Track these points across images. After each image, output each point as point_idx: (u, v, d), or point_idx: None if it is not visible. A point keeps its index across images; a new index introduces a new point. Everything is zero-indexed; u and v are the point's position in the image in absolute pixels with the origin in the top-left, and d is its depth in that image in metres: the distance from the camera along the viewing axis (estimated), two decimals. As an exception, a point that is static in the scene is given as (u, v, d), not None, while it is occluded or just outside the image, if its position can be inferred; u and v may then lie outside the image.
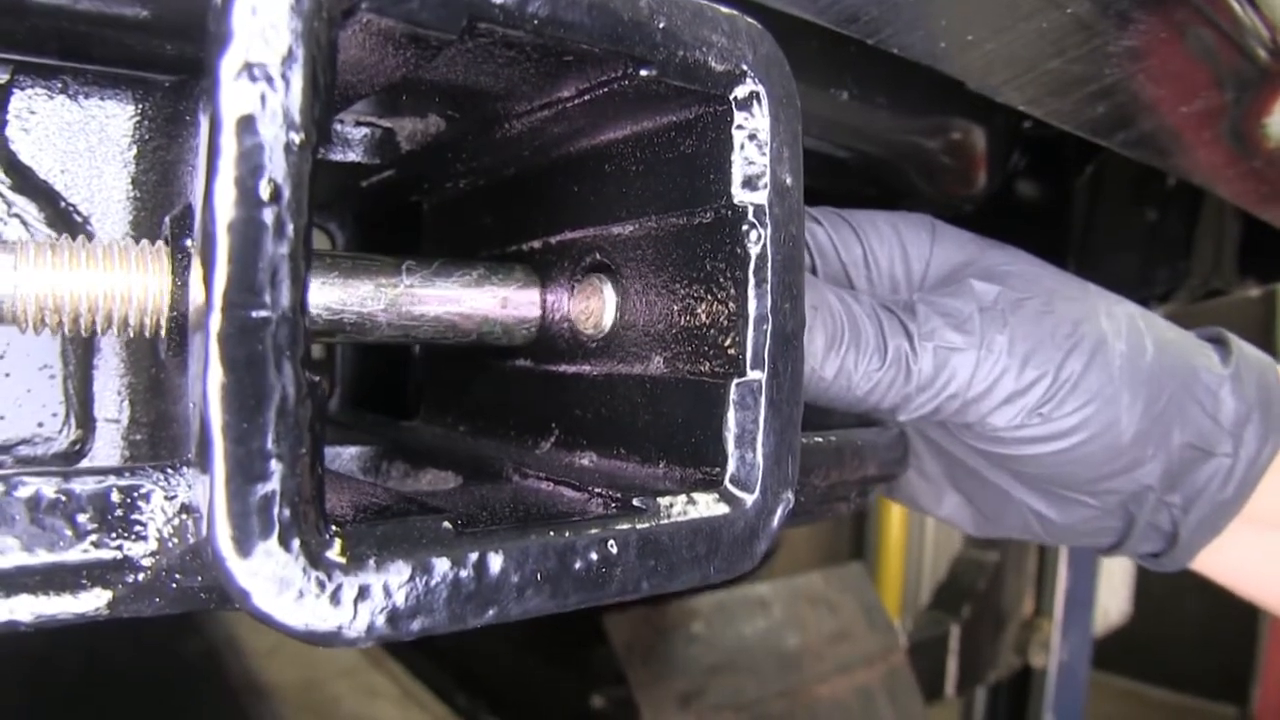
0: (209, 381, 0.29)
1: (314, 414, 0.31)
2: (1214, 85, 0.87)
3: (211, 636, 2.77)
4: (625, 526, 0.37)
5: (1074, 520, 0.70)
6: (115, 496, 0.32)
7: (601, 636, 2.06)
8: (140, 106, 0.59)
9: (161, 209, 0.59)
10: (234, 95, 0.30)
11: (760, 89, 0.41)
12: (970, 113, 1.04)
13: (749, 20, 0.42)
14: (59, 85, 0.58)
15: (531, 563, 0.35)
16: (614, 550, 0.37)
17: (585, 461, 0.50)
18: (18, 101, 0.58)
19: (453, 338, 0.55)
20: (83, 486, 0.32)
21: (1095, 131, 0.90)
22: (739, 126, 0.42)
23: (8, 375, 0.59)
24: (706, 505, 0.41)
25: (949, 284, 0.67)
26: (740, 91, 0.42)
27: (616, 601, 0.37)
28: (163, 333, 0.48)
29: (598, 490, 0.43)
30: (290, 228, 0.30)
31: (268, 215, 0.30)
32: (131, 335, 0.49)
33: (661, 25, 0.39)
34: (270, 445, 0.29)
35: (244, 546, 0.29)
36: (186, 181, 0.54)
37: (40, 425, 0.60)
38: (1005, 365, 0.61)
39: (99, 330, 0.48)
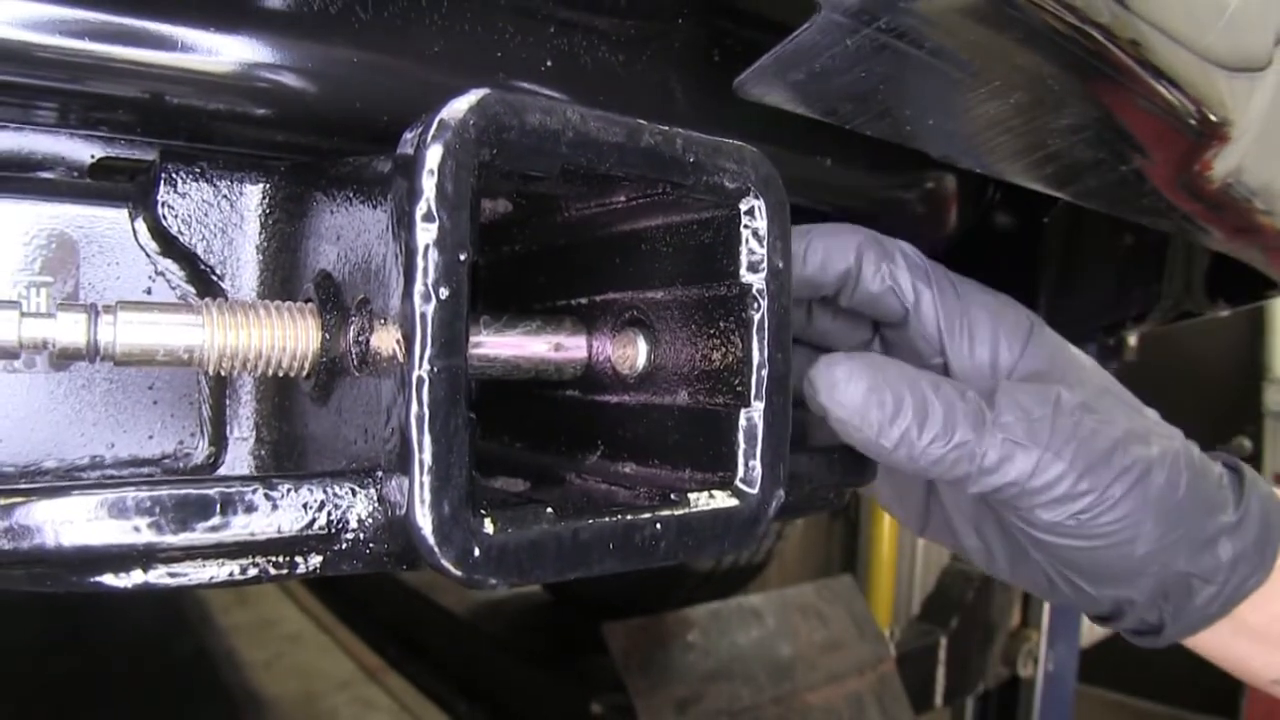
0: (411, 413, 0.48)
1: (473, 435, 0.50)
2: (1151, 148, 1.05)
3: (208, 646, 2.93)
4: (667, 513, 0.57)
5: (1070, 592, 0.84)
6: (330, 491, 0.51)
7: (600, 645, 2.24)
8: (263, 186, 0.78)
9: (281, 271, 0.77)
10: (423, 231, 0.49)
11: (760, 201, 0.61)
12: (943, 164, 1.23)
13: (752, 150, 0.61)
14: (198, 169, 0.76)
15: (606, 536, 0.54)
16: (660, 529, 0.56)
17: (627, 469, 0.69)
18: (166, 183, 0.76)
19: (516, 375, 0.74)
20: (312, 486, 0.51)
21: (1048, 186, 1.09)
22: (745, 226, 0.62)
23: (155, 403, 0.78)
24: (722, 499, 0.60)
25: (1032, 382, 0.77)
26: (746, 203, 0.61)
27: (661, 565, 0.56)
28: (305, 374, 0.67)
29: (642, 489, 0.62)
30: (460, 313, 0.49)
31: (447, 308, 0.49)
32: (281, 376, 0.67)
33: (692, 160, 0.58)
34: (450, 456, 0.48)
35: (431, 523, 0.48)
36: (314, 253, 0.72)
37: (181, 443, 0.79)
38: (1063, 472, 0.71)
39: (260, 372, 0.66)
